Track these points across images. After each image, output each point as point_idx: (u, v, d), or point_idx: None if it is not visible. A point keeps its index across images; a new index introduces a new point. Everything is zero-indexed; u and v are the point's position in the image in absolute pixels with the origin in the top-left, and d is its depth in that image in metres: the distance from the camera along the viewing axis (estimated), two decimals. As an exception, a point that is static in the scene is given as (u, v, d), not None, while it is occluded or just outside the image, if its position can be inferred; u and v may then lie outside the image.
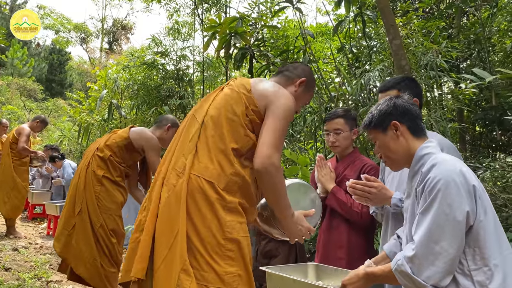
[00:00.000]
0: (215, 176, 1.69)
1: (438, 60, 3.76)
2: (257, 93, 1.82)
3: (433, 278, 1.43)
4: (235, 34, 4.14)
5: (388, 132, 1.68)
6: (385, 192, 2.10)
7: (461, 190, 1.44)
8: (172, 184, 1.72)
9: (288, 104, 1.80)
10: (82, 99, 11.10)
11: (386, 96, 2.25)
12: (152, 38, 8.94)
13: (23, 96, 20.74)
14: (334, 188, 2.66)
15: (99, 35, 29.68)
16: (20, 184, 5.88)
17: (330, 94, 4.40)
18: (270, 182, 1.69)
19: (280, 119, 1.75)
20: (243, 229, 1.70)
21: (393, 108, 1.69)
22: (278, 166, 1.68)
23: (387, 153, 1.71)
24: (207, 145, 1.75)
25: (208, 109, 1.84)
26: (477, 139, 5.64)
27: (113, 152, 3.28)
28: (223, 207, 1.66)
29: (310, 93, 2.08)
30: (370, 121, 1.72)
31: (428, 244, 1.44)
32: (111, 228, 3.19)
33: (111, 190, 3.24)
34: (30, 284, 3.66)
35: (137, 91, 8.89)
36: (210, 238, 1.62)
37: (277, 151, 1.70)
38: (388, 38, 3.57)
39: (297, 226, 1.85)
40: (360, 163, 2.70)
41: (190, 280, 1.57)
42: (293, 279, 2.12)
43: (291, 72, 2.03)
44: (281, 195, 1.75)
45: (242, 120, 1.77)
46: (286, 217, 1.82)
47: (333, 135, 2.71)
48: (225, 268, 1.61)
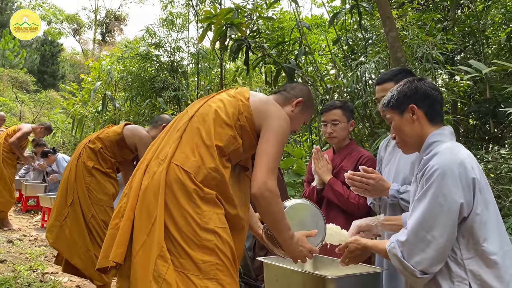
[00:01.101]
0: (195, 167, 1.70)
1: (433, 53, 3.77)
2: (254, 105, 1.84)
3: (422, 264, 1.47)
4: (231, 26, 4.12)
5: (405, 115, 1.67)
6: (382, 183, 2.11)
7: (458, 181, 1.46)
8: (153, 171, 1.73)
9: (283, 126, 1.82)
10: (76, 91, 11.01)
11: (383, 88, 2.26)
12: (146, 29, 8.87)
13: (15, 88, 20.52)
14: (331, 180, 2.67)
15: (92, 26, 29.40)
16: (7, 176, 5.82)
17: (326, 86, 4.40)
18: (267, 206, 1.73)
19: (275, 142, 1.78)
20: (220, 220, 1.71)
21: (413, 91, 1.67)
22: (273, 190, 1.72)
23: (400, 135, 1.71)
24: (192, 138, 1.77)
25: (201, 106, 1.87)
26: (471, 131, 5.69)
27: (104, 145, 3.27)
28: (200, 197, 1.68)
29: (307, 113, 2.09)
30: (389, 101, 1.72)
31: (419, 232, 1.48)
32: (102, 219, 3.19)
33: (101, 181, 3.24)
34: (26, 276, 3.66)
35: (131, 83, 8.85)
36: (187, 227, 1.64)
37: (273, 175, 1.74)
38: (384, 30, 3.57)
39: (298, 247, 1.87)
40: (357, 154, 2.71)
41: (167, 266, 1.58)
42: (291, 269, 2.14)
43: (288, 92, 2.04)
44: (278, 219, 1.78)
45: (232, 122, 1.79)
46: (285, 240, 1.84)
47: (330, 126, 2.72)
48: (202, 257, 1.62)
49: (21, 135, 5.83)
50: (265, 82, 6.29)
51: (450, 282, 1.48)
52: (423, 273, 1.48)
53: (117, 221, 1.78)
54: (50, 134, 7.74)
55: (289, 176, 4.12)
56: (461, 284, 1.47)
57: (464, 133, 5.68)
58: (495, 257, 1.47)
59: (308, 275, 2.08)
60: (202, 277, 1.61)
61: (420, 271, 1.48)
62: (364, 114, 4.56)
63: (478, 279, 1.46)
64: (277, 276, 2.23)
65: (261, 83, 7.30)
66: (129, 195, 1.79)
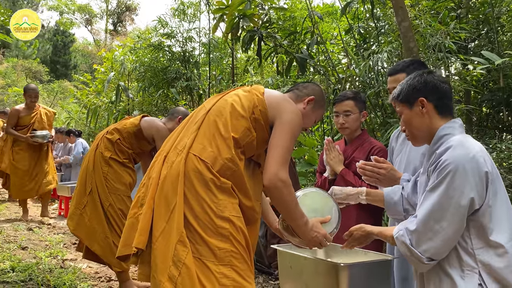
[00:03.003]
0: (212, 158, 1.77)
1: (446, 42, 3.76)
2: (268, 99, 1.90)
3: (429, 251, 1.53)
4: (243, 16, 4.14)
5: (414, 108, 1.69)
6: (393, 173, 2.15)
7: (470, 176, 1.49)
8: (172, 161, 1.81)
9: (296, 120, 1.88)
10: (89, 81, 11.13)
11: (395, 79, 2.28)
12: (158, 19, 8.91)
13: (28, 78, 20.79)
14: (343, 171, 2.71)
15: (103, 16, 29.50)
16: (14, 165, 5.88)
17: (338, 75, 4.42)
18: (280, 196, 1.79)
19: (287, 135, 1.83)
20: (235, 209, 1.77)
21: (423, 84, 1.69)
22: (285, 180, 1.78)
23: (410, 128, 1.73)
24: (209, 130, 1.83)
25: (218, 101, 1.94)
26: (484, 120, 5.64)
27: (122, 136, 3.34)
28: (216, 186, 1.74)
29: (319, 111, 2.13)
30: (399, 94, 1.74)
31: (428, 222, 1.53)
32: (119, 208, 3.27)
33: (118, 171, 3.31)
34: (47, 262, 3.79)
35: (144, 73, 8.91)
36: (203, 215, 1.71)
37: (284, 166, 1.79)
38: (397, 20, 3.57)
39: (313, 233, 1.92)
40: (369, 145, 2.74)
41: (186, 251, 1.65)
42: (304, 256, 2.20)
43: (301, 90, 2.10)
44: (292, 208, 1.84)
45: (247, 114, 1.85)
46: (300, 226, 1.90)
47: (342, 117, 2.75)
48: (217, 244, 1.69)
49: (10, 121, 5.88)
50: (277, 72, 6.31)
51: (460, 271, 1.52)
52: (429, 259, 1.54)
53: (135, 210, 1.86)
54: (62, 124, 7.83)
55: (301, 166, 4.17)
56: (471, 273, 1.50)
57: (477, 122, 5.65)
58: (506, 246, 1.50)
59: (321, 262, 2.14)
60: (218, 263, 1.68)
61: (427, 257, 1.54)
62: (376, 104, 4.57)
63: (488, 268, 1.49)
64: (291, 263, 2.30)
65: (273, 73, 7.31)
66: (147, 184, 1.86)
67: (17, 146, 5.85)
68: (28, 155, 5.83)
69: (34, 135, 5.74)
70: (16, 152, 5.85)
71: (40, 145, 5.89)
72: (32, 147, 5.85)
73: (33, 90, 5.92)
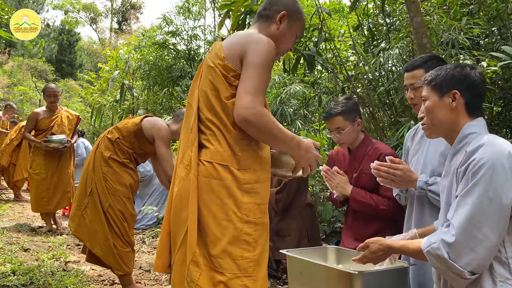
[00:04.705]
0: (227, 158, 1.63)
1: (460, 38, 3.63)
2: (230, 54, 1.65)
3: (472, 264, 1.37)
4: (250, 13, 4.03)
5: (445, 99, 1.58)
6: (410, 174, 2.04)
7: (509, 174, 1.36)
8: (182, 178, 1.69)
9: (263, 48, 1.61)
10: (94, 80, 11.08)
11: (413, 75, 2.18)
12: (163, 17, 8.83)
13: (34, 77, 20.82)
14: (353, 192, 2.61)
15: (108, 15, 29.52)
16: (31, 173, 5.33)
17: (347, 73, 4.30)
18: (260, 128, 1.56)
19: (256, 67, 1.58)
20: (260, 210, 1.66)
21: (463, 77, 1.58)
22: (260, 109, 1.54)
23: (432, 118, 1.61)
24: (210, 130, 1.68)
25: (199, 94, 1.75)
26: (495, 119, 5.51)
27: (122, 135, 3.26)
28: (239, 189, 1.62)
29: (297, 25, 1.83)
30: (432, 79, 1.62)
31: (468, 230, 1.37)
32: (119, 209, 3.20)
33: (118, 171, 3.23)
34: (49, 265, 3.70)
35: (148, 72, 8.84)
36: (227, 222, 1.59)
37: (255, 96, 1.54)
38: (409, 15, 3.45)
39: (307, 153, 1.72)
40: (375, 152, 2.62)
41: (200, 272, 1.56)
42: (314, 262, 2.11)
43: (269, 10, 1.81)
44: (277, 133, 1.60)
45: (229, 93, 1.64)
46: (293, 148, 1.68)
47: (335, 134, 2.64)
48: (241, 253, 1.58)
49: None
50: (283, 70, 6.20)
51: (492, 283, 1.39)
52: (471, 273, 1.38)
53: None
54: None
55: (310, 166, 4.05)
56: (505, 285, 1.37)
57: (489, 120, 5.52)
58: None
59: (333, 269, 2.04)
60: (241, 275, 1.58)
61: (469, 271, 1.38)
62: (386, 103, 4.45)
63: None
64: (301, 269, 2.20)
65: (279, 71, 7.20)
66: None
67: (34, 152, 5.21)
68: (45, 163, 5.15)
69: (48, 140, 5.03)
70: (33, 159, 5.21)
71: (60, 152, 5.18)
72: (49, 154, 5.14)
73: (51, 89, 5.26)
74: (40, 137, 5.17)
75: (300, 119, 5.42)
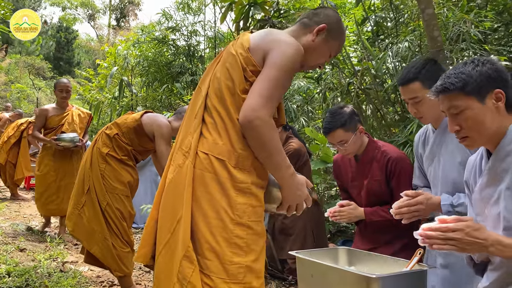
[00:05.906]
0: (225, 152, 1.50)
1: (472, 31, 3.51)
2: (255, 48, 1.55)
3: None
4: (254, 5, 3.90)
5: (487, 102, 1.35)
6: (432, 202, 1.95)
7: None
8: (178, 165, 1.56)
9: (288, 51, 1.50)
10: (92, 77, 10.94)
11: (408, 90, 1.99)
12: (162, 12, 8.69)
13: (31, 75, 20.67)
14: (367, 214, 2.51)
15: (106, 11, 29.35)
16: (38, 174, 4.97)
17: (354, 68, 4.18)
18: (257, 137, 1.44)
19: (277, 68, 1.48)
20: (256, 213, 1.51)
21: (497, 73, 1.36)
22: (264, 118, 1.43)
23: (479, 129, 1.37)
24: (213, 119, 1.55)
25: (211, 80, 1.63)
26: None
27: (121, 131, 3.14)
28: (234, 187, 1.48)
29: (334, 43, 1.71)
30: (465, 84, 1.36)
31: None
32: (117, 208, 3.09)
33: (116, 169, 3.11)
34: (45, 266, 3.58)
35: (147, 68, 8.71)
36: (217, 221, 1.45)
37: (267, 102, 1.44)
38: (420, 7, 3.33)
39: (297, 191, 1.59)
40: (383, 157, 2.50)
41: (193, 268, 1.42)
42: (327, 265, 1.99)
43: (310, 18, 1.71)
44: (273, 152, 1.48)
45: (242, 87, 1.52)
46: (285, 179, 1.55)
47: (339, 146, 2.52)
48: (230, 257, 1.44)
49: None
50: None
51: None
52: None
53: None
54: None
55: (315, 164, 3.94)
56: None
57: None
58: None
59: (348, 272, 1.92)
60: (229, 280, 1.44)
61: None
62: (393, 98, 4.33)
63: None
64: (312, 272, 2.08)
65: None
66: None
67: (42, 152, 4.84)
68: (54, 164, 4.74)
69: (59, 138, 4.61)
70: (40, 159, 4.83)
71: (70, 152, 4.76)
72: (59, 154, 4.72)
73: (63, 84, 4.82)
74: (49, 136, 4.74)
75: (304, 115, 5.30)
